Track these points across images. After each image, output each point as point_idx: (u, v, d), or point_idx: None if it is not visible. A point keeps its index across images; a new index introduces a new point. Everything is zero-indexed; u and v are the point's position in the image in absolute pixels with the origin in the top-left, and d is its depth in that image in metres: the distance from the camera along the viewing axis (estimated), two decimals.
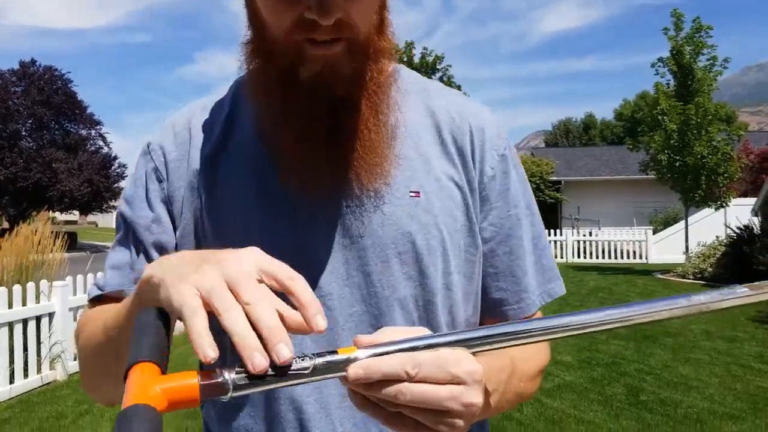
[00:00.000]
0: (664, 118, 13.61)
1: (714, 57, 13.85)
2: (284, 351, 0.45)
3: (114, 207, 31.24)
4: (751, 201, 15.09)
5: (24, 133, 26.88)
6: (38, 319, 5.05)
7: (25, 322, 4.90)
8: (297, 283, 0.50)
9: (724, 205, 13.89)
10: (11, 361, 4.80)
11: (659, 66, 14.38)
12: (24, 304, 4.92)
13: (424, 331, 0.56)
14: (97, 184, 26.51)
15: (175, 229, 0.82)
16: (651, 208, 23.33)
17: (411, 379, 0.51)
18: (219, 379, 0.45)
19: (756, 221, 12.80)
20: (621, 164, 26.22)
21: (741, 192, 17.98)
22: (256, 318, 0.46)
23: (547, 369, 4.78)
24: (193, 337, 0.46)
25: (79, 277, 5.53)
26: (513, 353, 0.70)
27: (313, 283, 0.73)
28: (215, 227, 0.79)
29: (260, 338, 0.46)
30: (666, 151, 13.62)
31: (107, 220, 59.80)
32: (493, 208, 0.82)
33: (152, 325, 0.48)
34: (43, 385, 5.09)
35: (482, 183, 0.82)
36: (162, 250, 0.80)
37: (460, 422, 0.53)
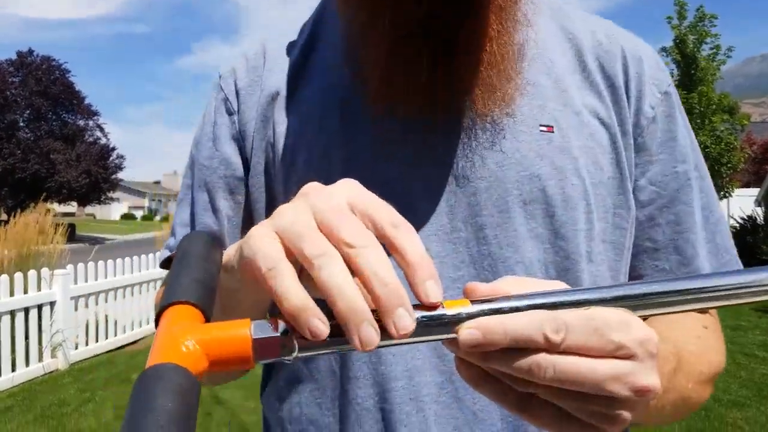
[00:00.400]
0: None
1: (717, 46, 13.82)
2: (406, 319, 0.32)
3: (112, 199, 31.28)
4: (755, 191, 15.12)
5: (21, 124, 26.79)
6: (39, 307, 5.02)
7: (26, 310, 4.87)
8: (404, 232, 0.35)
9: (727, 195, 13.89)
10: (13, 350, 4.77)
11: (662, 55, 14.32)
12: (25, 292, 4.89)
13: (562, 284, 0.39)
14: (95, 175, 26.42)
15: (247, 169, 0.68)
16: None
17: (554, 347, 0.34)
18: (279, 333, 0.32)
19: (759, 211, 12.81)
20: None
21: (744, 182, 17.98)
22: (366, 268, 0.32)
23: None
24: (282, 301, 0.32)
25: (80, 266, 5.49)
26: (679, 343, 0.53)
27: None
28: (289, 161, 0.64)
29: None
30: None
31: (105, 212, 59.84)
32: (655, 161, 0.63)
33: (198, 254, 0.37)
34: (45, 373, 5.07)
35: (639, 126, 0.63)
36: (233, 194, 0.68)
37: (625, 414, 0.36)
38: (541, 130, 0.59)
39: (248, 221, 0.68)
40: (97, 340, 5.64)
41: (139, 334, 6.19)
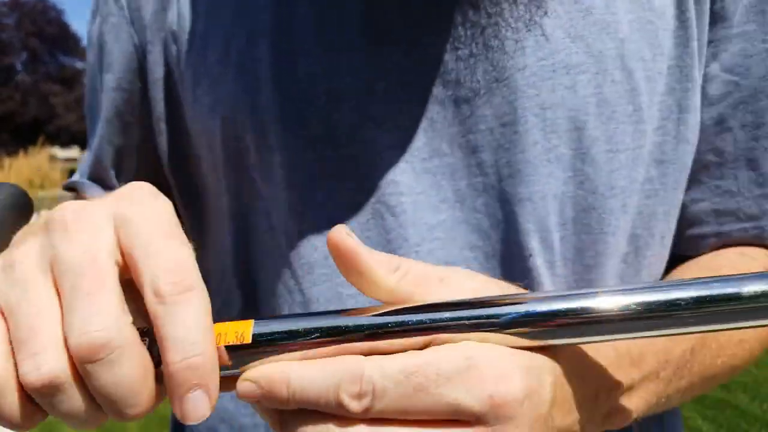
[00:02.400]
0: None
1: None
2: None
3: None
4: None
5: (19, 68, 26.41)
6: None
7: None
8: (170, 310, 0.24)
9: None
10: None
11: None
12: None
13: (498, 286, 0.29)
14: None
15: (145, 80, 0.48)
16: None
17: (356, 415, 0.25)
18: None
19: None
20: None
21: None
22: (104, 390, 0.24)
23: None
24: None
25: None
26: None
27: (370, 162, 0.40)
28: (196, 57, 0.44)
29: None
30: None
31: None
32: (735, 36, 0.42)
33: None
34: None
35: None
36: (126, 125, 0.51)
37: None
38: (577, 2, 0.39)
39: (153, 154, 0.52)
40: None
41: None
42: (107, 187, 0.54)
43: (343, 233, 0.27)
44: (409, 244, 0.40)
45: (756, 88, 0.43)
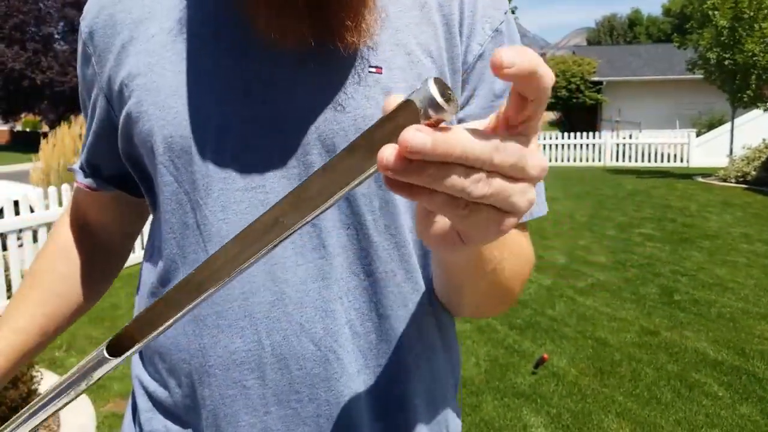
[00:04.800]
0: (715, 12, 12.80)
1: None
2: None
3: None
4: None
5: (57, 36, 26.75)
6: None
7: None
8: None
9: None
10: None
11: None
12: None
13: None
14: None
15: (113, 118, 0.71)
16: (695, 110, 22.49)
17: (491, 168, 0.33)
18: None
19: None
20: (666, 64, 25.04)
21: None
22: None
23: (581, 269, 4.84)
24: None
25: None
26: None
27: (246, 165, 0.62)
28: (142, 79, 0.64)
29: None
30: (715, 49, 12.90)
31: None
32: (475, 96, 0.66)
33: None
34: None
35: (466, 63, 0.66)
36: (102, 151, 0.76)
37: (513, 221, 0.36)
38: (370, 71, 0.62)
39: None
40: (143, 248, 5.89)
41: None
42: (99, 172, 0.80)
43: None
44: None
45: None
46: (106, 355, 0.39)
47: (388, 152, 0.30)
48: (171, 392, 0.69)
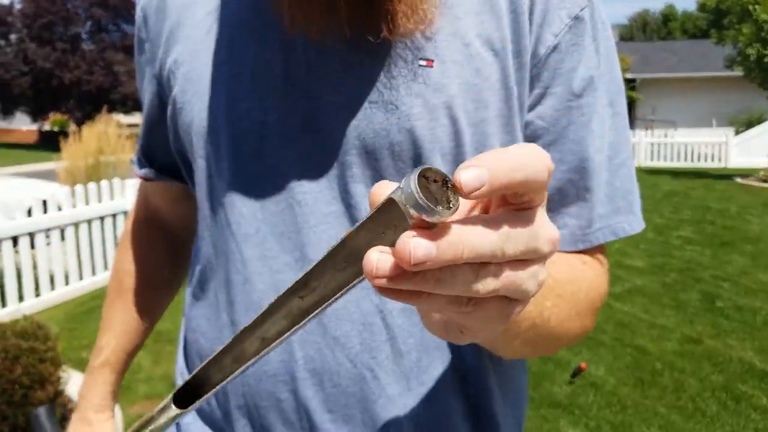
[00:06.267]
0: (756, 7, 12.42)
1: None
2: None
3: None
4: None
5: (84, 36, 27.28)
6: (114, 216, 5.24)
7: (102, 219, 5.10)
8: None
9: None
10: (92, 256, 5.05)
11: None
12: (100, 202, 5.10)
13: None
14: None
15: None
16: (733, 108, 21.89)
17: (502, 260, 0.29)
18: None
19: None
20: (702, 60, 24.45)
21: None
22: None
23: (617, 273, 4.68)
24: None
25: None
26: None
27: (283, 163, 0.58)
28: (185, 73, 0.63)
29: None
30: (755, 45, 12.54)
31: None
32: (548, 94, 0.58)
33: None
34: None
35: (536, 56, 0.57)
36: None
37: (521, 308, 0.32)
38: (420, 65, 0.55)
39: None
40: None
41: None
42: (154, 163, 0.79)
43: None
44: (310, 227, 0.57)
45: (560, 135, 0.58)
46: (173, 407, 0.38)
47: (378, 261, 0.26)
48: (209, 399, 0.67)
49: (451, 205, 0.26)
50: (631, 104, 23.81)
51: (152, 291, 0.88)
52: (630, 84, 23.92)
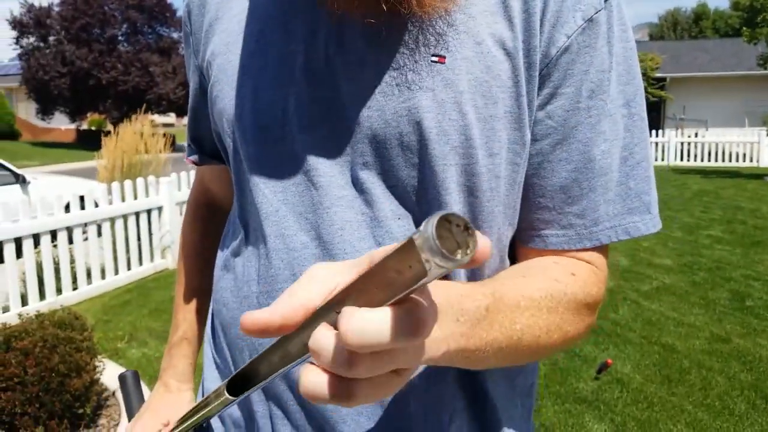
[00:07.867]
0: None
1: None
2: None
3: None
4: None
5: (120, 38, 27.76)
6: (149, 212, 5.38)
7: (137, 215, 5.24)
8: None
9: None
10: (127, 251, 5.19)
11: None
12: (135, 198, 5.23)
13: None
14: None
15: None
16: (765, 107, 21.42)
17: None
18: None
19: None
20: (735, 59, 23.96)
21: None
22: None
23: (645, 271, 4.63)
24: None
25: (183, 174, 5.79)
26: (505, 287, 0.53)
27: (303, 148, 0.61)
28: (222, 55, 0.68)
29: None
30: None
31: None
32: (558, 94, 0.59)
33: None
34: (156, 272, 5.50)
35: (547, 56, 0.58)
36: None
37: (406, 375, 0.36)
38: (432, 60, 0.57)
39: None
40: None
41: None
42: (203, 148, 0.86)
43: (247, 322, 0.36)
44: (323, 208, 0.60)
45: (568, 135, 0.60)
46: (226, 393, 0.43)
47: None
48: (229, 367, 0.72)
49: (468, 251, 0.27)
50: (662, 103, 23.45)
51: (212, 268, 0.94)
52: (660, 83, 23.56)
